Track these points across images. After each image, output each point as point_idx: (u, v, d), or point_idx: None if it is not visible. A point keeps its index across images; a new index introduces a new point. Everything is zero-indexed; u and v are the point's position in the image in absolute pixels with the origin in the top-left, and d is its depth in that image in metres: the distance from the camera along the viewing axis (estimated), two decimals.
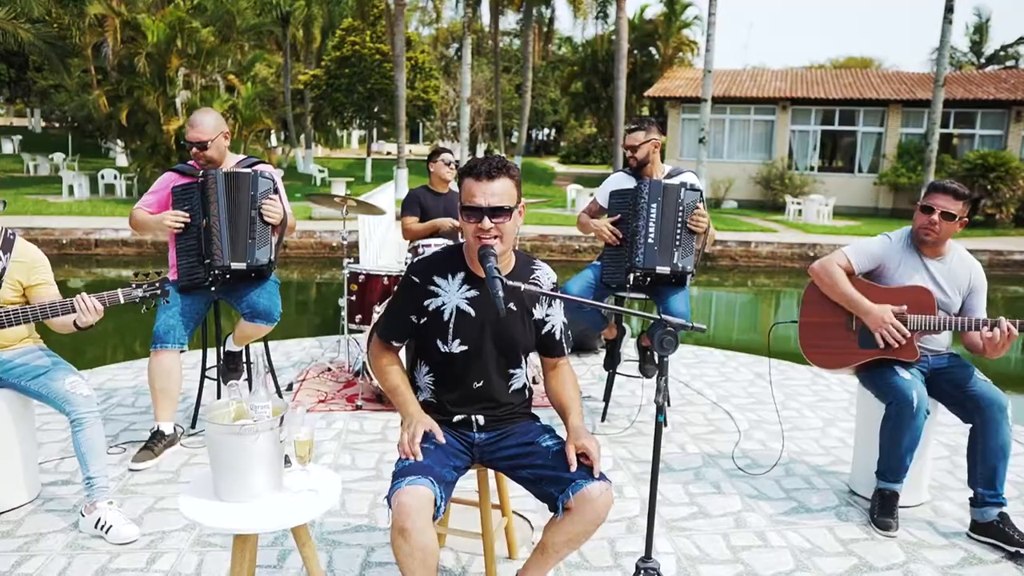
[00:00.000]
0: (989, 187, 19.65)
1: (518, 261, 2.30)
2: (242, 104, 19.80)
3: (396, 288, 2.30)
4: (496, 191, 2.08)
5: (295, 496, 2.00)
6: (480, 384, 2.25)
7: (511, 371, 2.31)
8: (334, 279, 12.33)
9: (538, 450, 2.22)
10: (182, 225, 3.51)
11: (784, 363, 5.73)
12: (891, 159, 22.12)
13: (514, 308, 2.23)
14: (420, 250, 4.79)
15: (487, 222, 2.07)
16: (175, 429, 3.64)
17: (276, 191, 3.65)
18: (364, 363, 4.47)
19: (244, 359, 3.94)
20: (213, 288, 3.59)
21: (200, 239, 3.53)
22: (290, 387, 4.63)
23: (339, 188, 18.32)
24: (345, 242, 4.76)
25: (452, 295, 2.20)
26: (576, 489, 2.08)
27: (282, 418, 1.96)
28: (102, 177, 20.04)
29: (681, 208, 3.76)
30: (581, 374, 5.19)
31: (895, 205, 22.06)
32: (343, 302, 4.78)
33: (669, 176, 4.03)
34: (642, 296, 4.08)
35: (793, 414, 4.49)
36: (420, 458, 2.04)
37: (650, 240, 3.79)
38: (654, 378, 4.34)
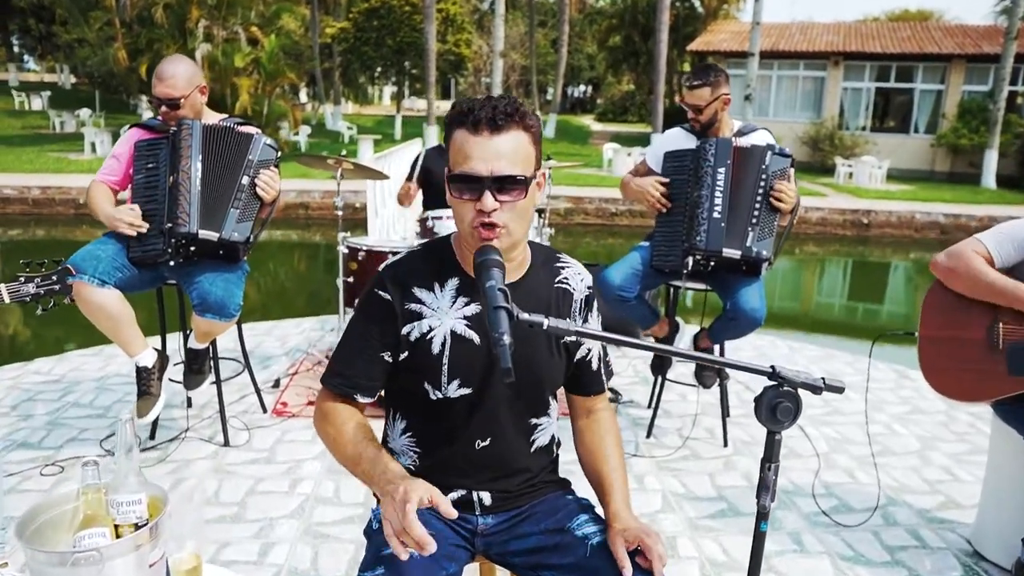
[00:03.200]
0: None
1: (536, 258, 1.52)
2: (265, 58, 19.03)
3: (355, 313, 1.52)
4: (504, 150, 1.31)
5: None
6: (487, 443, 1.49)
7: (533, 421, 1.55)
8: None
9: (571, 541, 1.47)
10: (135, 233, 2.80)
11: (861, 357, 4.89)
12: (951, 119, 20.61)
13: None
14: (430, 223, 4.02)
15: (490, 200, 1.31)
16: (156, 352, 2.99)
17: (277, 165, 3.01)
18: None
19: (211, 356, 3.23)
20: (172, 263, 2.88)
21: (163, 203, 2.82)
22: (277, 383, 3.93)
23: (366, 146, 17.59)
24: (340, 213, 4.00)
25: (444, 314, 1.44)
26: None
27: (155, 525, 1.21)
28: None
29: (764, 177, 2.93)
30: (622, 369, 4.42)
31: (953, 168, 20.67)
32: (339, 283, 4.04)
33: (740, 134, 3.20)
34: (702, 287, 3.27)
35: (880, 430, 3.67)
36: (403, 556, 1.18)
37: (715, 215, 2.98)
38: (715, 387, 3.58)
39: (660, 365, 3.51)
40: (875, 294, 10.76)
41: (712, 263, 3.06)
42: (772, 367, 1.24)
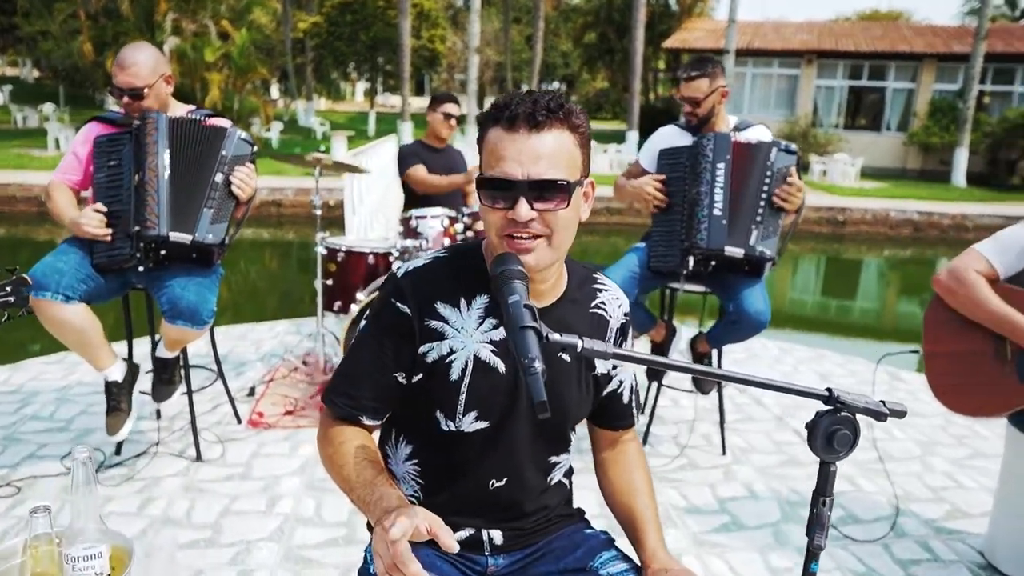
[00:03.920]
0: None
1: (573, 278, 1.35)
2: (236, 52, 18.65)
3: (365, 323, 1.33)
4: (544, 151, 1.14)
5: None
6: (503, 483, 1.33)
7: (552, 459, 1.39)
8: None
9: None
10: (104, 234, 2.59)
11: (852, 357, 4.81)
12: (922, 117, 20.82)
13: (567, 359, 1.30)
14: (413, 223, 3.85)
15: (524, 208, 1.14)
16: (127, 365, 2.82)
17: (253, 161, 2.81)
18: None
19: (181, 363, 3.03)
20: (141, 269, 2.67)
21: (129, 204, 2.61)
22: (252, 391, 3.73)
23: (340, 142, 17.30)
24: (318, 212, 3.80)
25: (468, 336, 1.26)
26: None
27: None
28: None
29: (769, 174, 2.81)
30: None
31: (924, 166, 20.90)
32: (318, 285, 3.85)
33: (737, 130, 3.07)
34: (701, 289, 3.14)
35: (879, 435, 3.57)
36: None
37: (716, 212, 2.85)
38: (712, 395, 3.46)
39: (656, 370, 3.38)
40: (858, 292, 10.79)
41: (713, 263, 2.93)
42: (829, 390, 1.10)
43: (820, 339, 7.07)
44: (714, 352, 3.25)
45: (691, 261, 2.89)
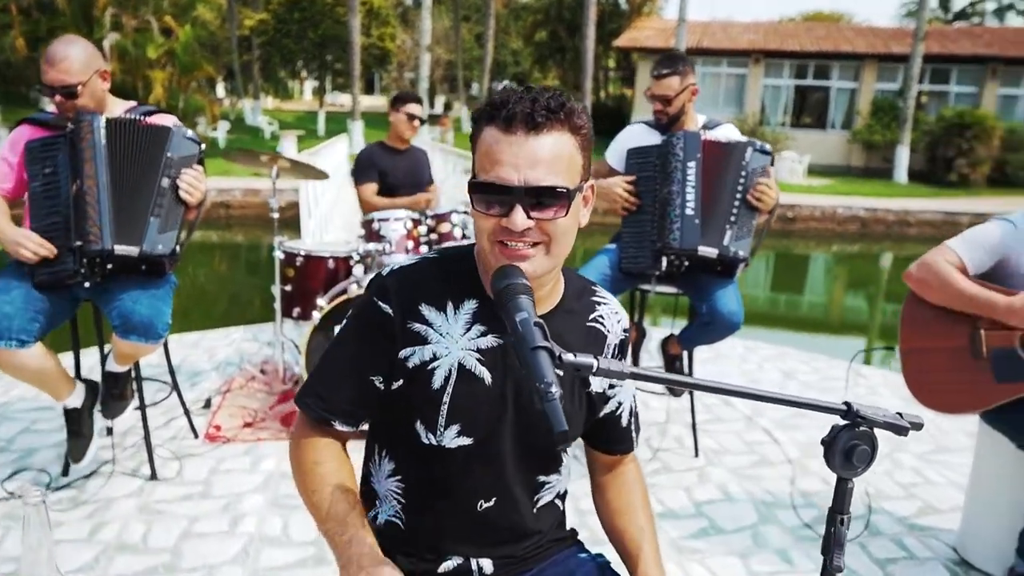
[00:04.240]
0: (964, 146, 19.13)
1: (570, 288, 1.27)
2: (180, 49, 18.12)
3: (346, 322, 1.25)
4: (543, 154, 1.05)
5: None
6: (491, 504, 1.24)
7: (542, 479, 1.30)
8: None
9: None
10: (39, 257, 2.41)
11: (816, 355, 4.86)
12: (865, 116, 21.42)
13: (559, 372, 1.23)
14: (376, 226, 3.73)
15: (520, 216, 1.06)
16: (85, 389, 2.70)
17: (201, 161, 2.64)
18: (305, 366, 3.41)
19: (133, 376, 2.86)
20: (87, 285, 2.50)
21: (69, 215, 2.43)
22: (208, 403, 3.57)
23: (289, 141, 16.99)
24: (276, 215, 3.66)
25: (453, 342, 1.18)
26: None
27: None
28: None
29: (744, 174, 2.78)
30: None
31: (868, 163, 21.49)
32: (276, 290, 3.71)
33: (706, 128, 3.05)
34: (673, 290, 3.11)
35: None
36: None
37: (688, 211, 2.81)
38: (683, 397, 3.43)
39: None
40: (812, 287, 11.01)
41: (686, 263, 2.89)
42: (847, 404, 1.05)
43: (778, 335, 7.17)
44: (684, 354, 3.22)
45: (664, 262, 2.85)
